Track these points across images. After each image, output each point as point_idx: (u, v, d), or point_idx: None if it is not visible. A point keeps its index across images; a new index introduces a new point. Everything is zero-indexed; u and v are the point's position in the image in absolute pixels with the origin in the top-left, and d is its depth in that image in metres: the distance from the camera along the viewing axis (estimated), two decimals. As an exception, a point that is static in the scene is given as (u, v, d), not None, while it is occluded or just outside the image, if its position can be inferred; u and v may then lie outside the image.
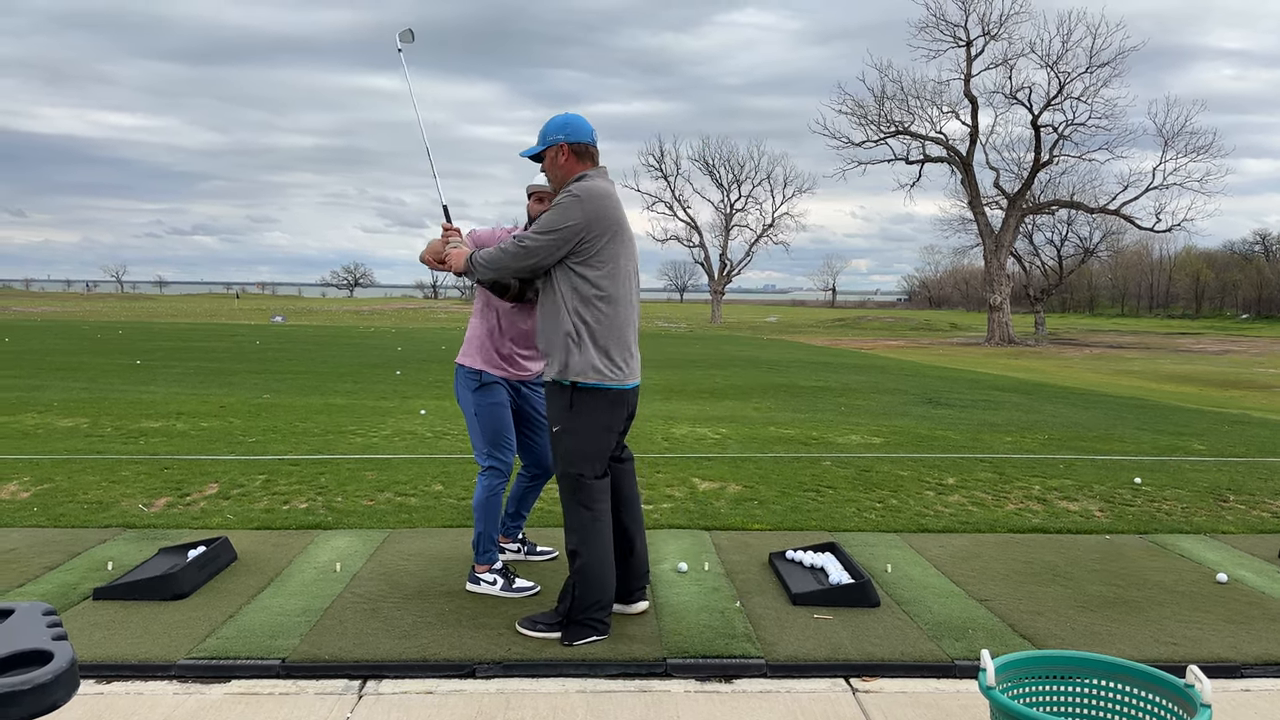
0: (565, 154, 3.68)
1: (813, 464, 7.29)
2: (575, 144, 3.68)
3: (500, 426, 4.24)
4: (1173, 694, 2.48)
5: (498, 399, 4.23)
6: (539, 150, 3.76)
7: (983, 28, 38.51)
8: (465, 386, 4.25)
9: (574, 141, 3.68)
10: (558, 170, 3.72)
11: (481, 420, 4.22)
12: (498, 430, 4.23)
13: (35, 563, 4.50)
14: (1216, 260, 78.93)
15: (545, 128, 3.74)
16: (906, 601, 4.15)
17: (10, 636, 1.35)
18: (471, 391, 4.23)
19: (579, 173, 3.67)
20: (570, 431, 3.65)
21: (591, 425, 3.64)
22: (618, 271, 3.63)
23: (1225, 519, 5.85)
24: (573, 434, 3.65)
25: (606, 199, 3.60)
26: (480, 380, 4.22)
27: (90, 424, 8.87)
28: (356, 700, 3.17)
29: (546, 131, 3.72)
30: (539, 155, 3.78)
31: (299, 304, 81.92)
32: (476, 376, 4.23)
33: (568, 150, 3.67)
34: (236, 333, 31.53)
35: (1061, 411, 11.84)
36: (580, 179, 3.63)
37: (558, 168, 3.71)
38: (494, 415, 4.22)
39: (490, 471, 4.23)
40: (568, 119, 3.72)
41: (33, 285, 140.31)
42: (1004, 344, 37.75)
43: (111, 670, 3.33)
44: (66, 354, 19.42)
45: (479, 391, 4.22)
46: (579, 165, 3.69)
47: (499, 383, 4.23)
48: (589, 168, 3.70)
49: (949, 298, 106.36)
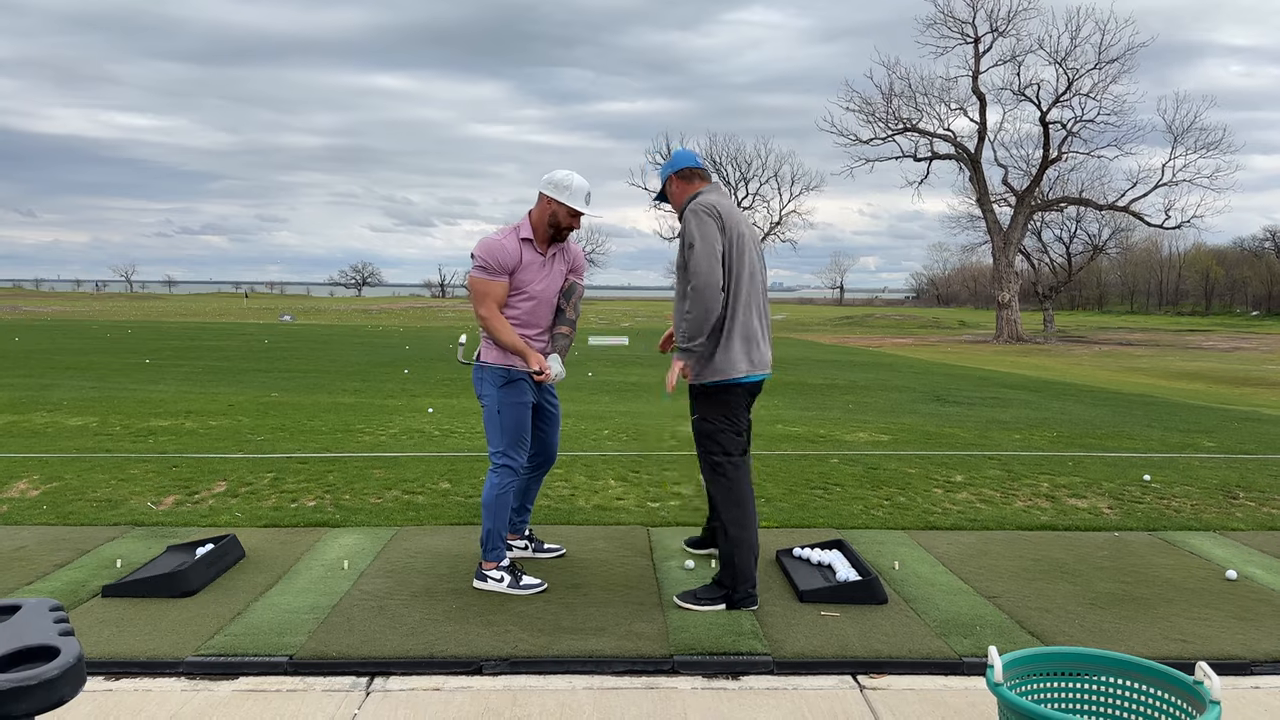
0: (675, 183, 4.30)
1: (820, 461, 7.28)
2: (680, 171, 4.27)
3: (522, 427, 4.29)
4: (1182, 691, 2.47)
5: (524, 398, 4.28)
6: (661, 190, 4.38)
7: (991, 24, 38.41)
8: (492, 383, 4.26)
9: (678, 169, 4.26)
10: (675, 199, 4.31)
11: (505, 418, 4.24)
12: (519, 430, 4.29)
13: (45, 560, 4.52)
14: (1226, 257, 78.53)
15: (660, 169, 4.37)
16: (914, 599, 4.14)
17: (17, 632, 1.35)
18: (498, 388, 4.25)
19: (691, 193, 4.20)
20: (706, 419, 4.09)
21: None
22: (735, 269, 3.98)
23: (1235, 516, 5.82)
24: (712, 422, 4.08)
25: (714, 206, 4.00)
26: (508, 376, 4.25)
27: (99, 423, 8.91)
28: (364, 697, 3.17)
29: (661, 172, 4.36)
30: (664, 194, 4.37)
31: (307, 303, 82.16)
32: (505, 372, 4.25)
33: (675, 180, 4.29)
34: (245, 332, 31.63)
35: (1070, 409, 11.80)
36: (694, 197, 4.12)
37: (674, 196, 4.32)
38: (518, 414, 4.27)
39: (503, 470, 4.25)
40: (674, 155, 4.33)
41: (43, 285, 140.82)
42: (1013, 341, 37.65)
43: (120, 667, 3.34)
44: (76, 353, 19.51)
45: (506, 388, 4.25)
46: (690, 187, 4.26)
47: (524, 378, 4.27)
48: (700, 186, 4.23)
49: (957, 295, 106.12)
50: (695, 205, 4.01)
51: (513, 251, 4.20)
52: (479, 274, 4.23)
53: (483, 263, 4.20)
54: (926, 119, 40.69)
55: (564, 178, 4.24)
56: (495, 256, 4.19)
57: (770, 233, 61.81)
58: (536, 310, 4.29)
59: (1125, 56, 36.97)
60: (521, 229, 4.27)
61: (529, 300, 4.26)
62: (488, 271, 4.20)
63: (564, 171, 4.27)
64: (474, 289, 4.26)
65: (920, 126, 40.72)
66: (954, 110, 40.47)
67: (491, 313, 4.23)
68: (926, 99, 40.49)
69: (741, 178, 62.12)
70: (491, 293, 4.22)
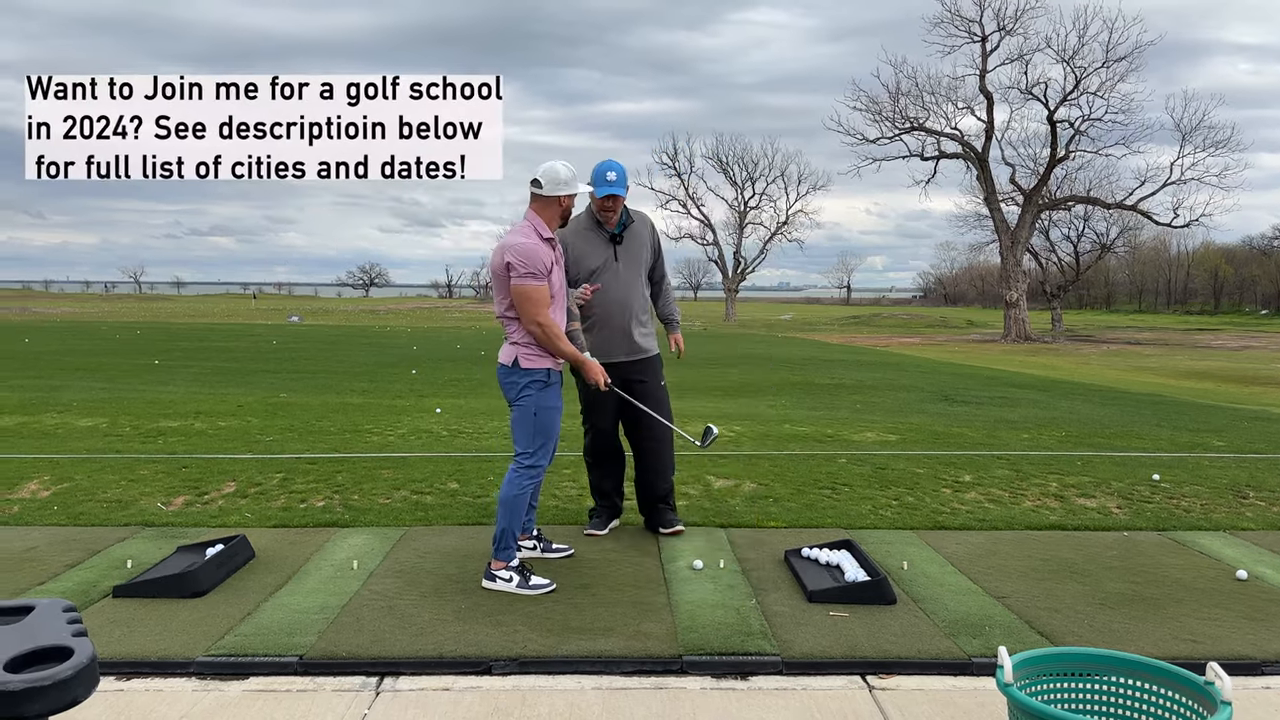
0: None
1: (828, 461, 7.27)
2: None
3: (554, 430, 4.35)
4: (1192, 691, 2.46)
5: (559, 402, 4.35)
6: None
7: (998, 23, 38.32)
8: (533, 388, 4.25)
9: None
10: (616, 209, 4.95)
11: (540, 421, 4.27)
12: (551, 434, 4.33)
13: (56, 561, 4.54)
14: (1235, 255, 78.12)
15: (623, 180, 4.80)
16: (923, 599, 4.14)
17: (31, 633, 1.36)
18: (539, 391, 4.25)
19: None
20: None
21: None
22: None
23: (1245, 515, 5.80)
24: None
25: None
26: (548, 380, 4.28)
27: (109, 423, 8.94)
28: (374, 697, 3.18)
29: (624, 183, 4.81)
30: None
31: (315, 304, 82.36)
32: (545, 376, 4.27)
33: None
34: (253, 333, 31.73)
35: (1079, 408, 11.77)
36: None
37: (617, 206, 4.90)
38: (552, 419, 4.32)
39: (527, 471, 4.28)
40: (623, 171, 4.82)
41: (52, 286, 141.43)
42: (1021, 341, 37.55)
43: (131, 667, 3.36)
44: (85, 354, 19.59)
45: (545, 391, 4.27)
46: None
47: (559, 381, 4.33)
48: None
49: (965, 294, 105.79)
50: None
51: (547, 254, 4.21)
52: (530, 280, 4.11)
53: (531, 269, 4.11)
54: (933, 118, 40.68)
55: (563, 172, 4.24)
56: (540, 260, 4.14)
57: (777, 232, 61.81)
58: (558, 311, 4.32)
59: (1133, 55, 36.91)
60: (540, 230, 4.24)
61: (553, 301, 4.27)
62: (536, 277, 4.12)
63: (549, 167, 4.25)
64: (527, 297, 4.12)
65: (927, 125, 40.70)
66: (961, 109, 40.47)
67: (550, 320, 4.17)
68: (933, 98, 40.48)
69: (748, 177, 62.18)
70: (545, 300, 4.15)
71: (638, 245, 5.00)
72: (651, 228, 5.13)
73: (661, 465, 5.16)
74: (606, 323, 4.90)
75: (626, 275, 4.93)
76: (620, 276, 4.91)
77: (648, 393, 4.98)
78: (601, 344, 4.85)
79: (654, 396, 5.02)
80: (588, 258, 4.88)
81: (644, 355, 5.01)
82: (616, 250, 4.93)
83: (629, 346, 4.95)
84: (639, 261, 5.00)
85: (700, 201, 61.94)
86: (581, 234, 4.90)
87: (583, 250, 4.88)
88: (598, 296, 4.85)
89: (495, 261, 4.24)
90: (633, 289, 4.96)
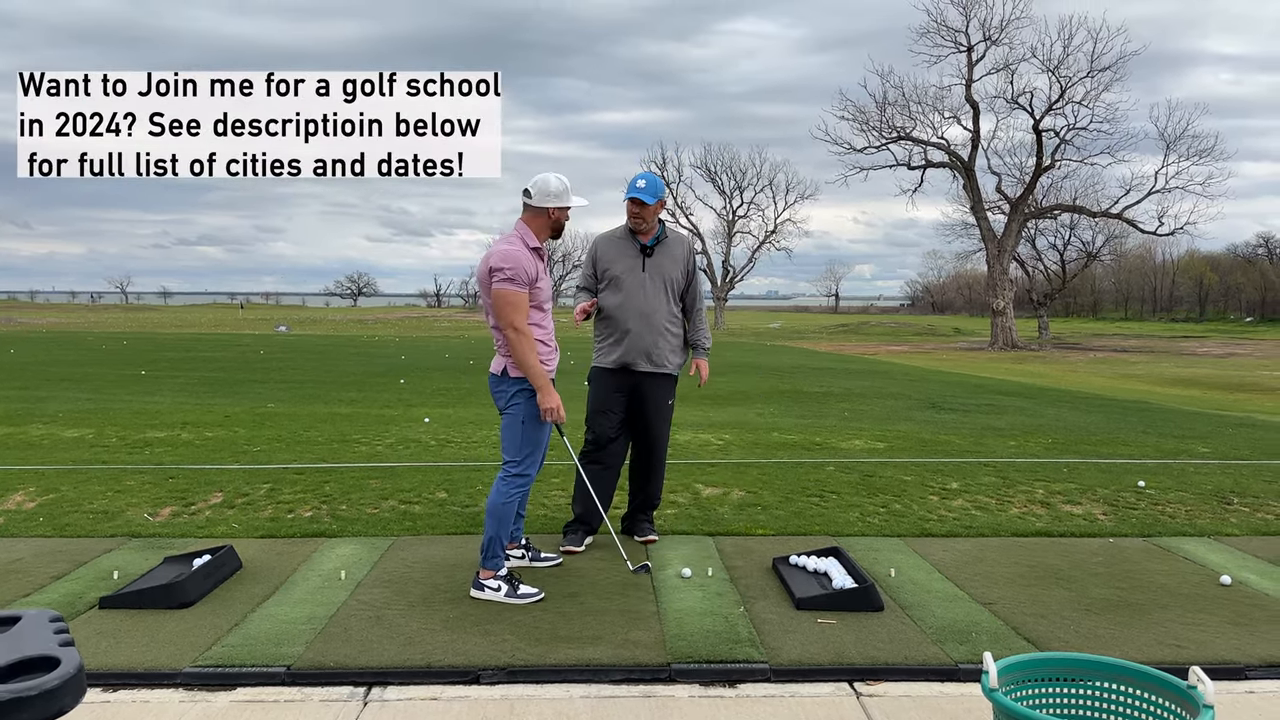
0: (661, 206, 5.01)
1: (816, 469, 7.29)
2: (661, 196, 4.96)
3: (542, 439, 4.37)
4: (1176, 695, 2.49)
5: None
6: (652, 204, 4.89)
7: (984, 33, 38.52)
8: (521, 396, 4.26)
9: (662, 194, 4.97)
10: (652, 217, 4.99)
11: (529, 429, 4.28)
12: (539, 443, 4.35)
13: (42, 572, 4.52)
14: (1220, 263, 78.79)
15: (655, 188, 4.88)
16: (910, 605, 4.15)
17: (17, 643, 1.36)
18: (527, 400, 4.26)
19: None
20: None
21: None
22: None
23: (1229, 521, 5.84)
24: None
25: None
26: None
27: (95, 434, 8.89)
28: (362, 707, 3.18)
29: (658, 192, 4.89)
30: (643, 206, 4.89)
31: (303, 314, 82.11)
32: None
33: (663, 203, 5.01)
34: (241, 343, 31.59)
35: (1065, 415, 11.83)
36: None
37: (653, 214, 4.98)
38: (541, 428, 4.33)
39: (515, 479, 4.29)
40: (656, 181, 4.95)
41: (38, 296, 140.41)
42: (1007, 348, 37.71)
43: (117, 678, 3.35)
44: (71, 365, 19.47)
45: (534, 401, 4.27)
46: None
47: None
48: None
49: (952, 303, 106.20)
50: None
51: (531, 262, 4.22)
52: (510, 286, 4.11)
53: (513, 274, 4.11)
54: (920, 127, 40.84)
55: (554, 184, 4.26)
56: (524, 267, 4.14)
57: (765, 241, 61.89)
58: (546, 321, 4.33)
59: (1117, 65, 37.12)
60: (527, 239, 4.25)
61: (541, 312, 4.28)
62: (516, 283, 4.12)
63: (541, 178, 4.27)
64: (507, 301, 4.12)
65: (914, 135, 40.84)
66: (947, 119, 40.60)
67: (525, 328, 4.15)
68: (920, 107, 40.65)
69: (736, 186, 62.21)
70: (523, 306, 4.14)
71: (669, 262, 5.04)
72: (689, 250, 5.16)
73: (654, 475, 5.28)
74: (627, 330, 4.96)
75: (651, 288, 4.97)
76: (645, 288, 4.96)
77: (652, 406, 5.09)
78: (623, 350, 4.96)
79: (658, 412, 5.13)
80: (614, 263, 4.98)
81: (661, 370, 5.06)
82: (645, 261, 4.98)
83: (648, 358, 5.00)
84: (668, 277, 5.02)
85: (689, 211, 62.00)
86: (614, 241, 5.03)
87: (611, 255, 5.00)
88: (621, 304, 4.92)
89: (481, 270, 4.25)
90: (656, 302, 4.99)
